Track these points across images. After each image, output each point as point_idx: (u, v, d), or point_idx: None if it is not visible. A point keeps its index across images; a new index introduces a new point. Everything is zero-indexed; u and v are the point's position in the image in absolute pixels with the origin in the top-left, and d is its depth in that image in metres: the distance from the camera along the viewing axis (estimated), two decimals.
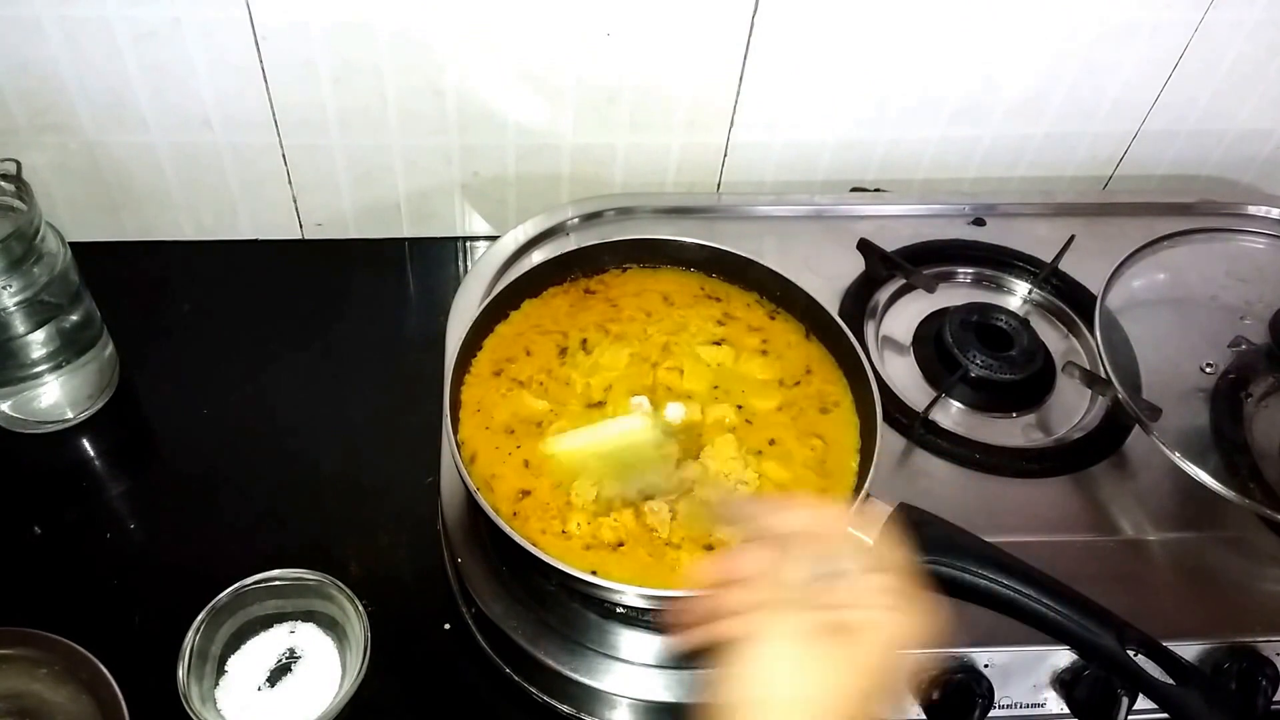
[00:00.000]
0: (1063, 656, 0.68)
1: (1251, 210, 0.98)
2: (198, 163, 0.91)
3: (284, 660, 0.71)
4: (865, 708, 0.48)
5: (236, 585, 0.69)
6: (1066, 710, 0.68)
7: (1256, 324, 0.85)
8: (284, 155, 0.92)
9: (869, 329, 0.87)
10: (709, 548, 0.65)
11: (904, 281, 0.90)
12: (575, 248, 0.79)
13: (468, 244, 1.02)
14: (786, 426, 0.72)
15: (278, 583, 0.71)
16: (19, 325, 0.75)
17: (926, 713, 0.67)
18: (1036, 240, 0.94)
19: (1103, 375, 0.78)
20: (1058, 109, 0.98)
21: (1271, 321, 0.84)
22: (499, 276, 0.86)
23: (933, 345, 0.85)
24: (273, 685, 0.69)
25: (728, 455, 0.69)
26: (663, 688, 0.66)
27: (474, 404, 0.72)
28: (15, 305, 0.74)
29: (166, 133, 0.88)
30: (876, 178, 1.02)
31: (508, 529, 0.62)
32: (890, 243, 0.90)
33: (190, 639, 0.67)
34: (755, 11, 0.85)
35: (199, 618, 0.68)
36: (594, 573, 0.62)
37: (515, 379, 0.73)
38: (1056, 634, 0.57)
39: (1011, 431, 0.82)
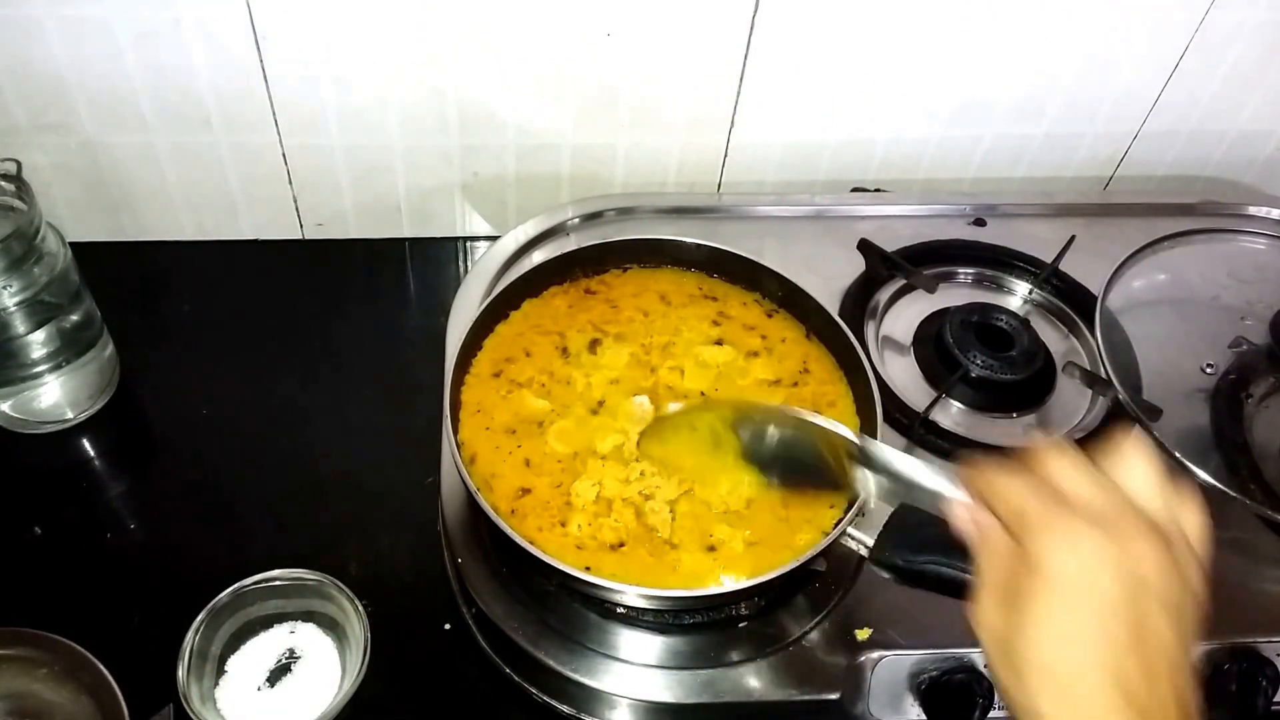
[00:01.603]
0: None
1: (1252, 211, 0.98)
2: (198, 163, 0.91)
3: (284, 660, 0.70)
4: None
5: (236, 585, 0.69)
6: None
7: (1257, 324, 0.85)
8: (284, 155, 0.92)
9: (869, 329, 0.87)
10: (710, 548, 0.65)
11: (904, 282, 0.90)
12: (575, 248, 0.79)
13: (468, 244, 1.02)
14: None
15: (278, 583, 0.71)
16: (19, 325, 0.75)
17: (926, 713, 0.67)
18: (1037, 240, 0.93)
19: (1103, 375, 0.78)
20: (1058, 109, 0.98)
21: (1272, 322, 0.84)
22: (499, 276, 0.86)
23: (933, 345, 0.85)
24: (273, 685, 0.69)
25: None
26: (663, 688, 0.66)
27: (474, 404, 0.72)
28: (15, 305, 0.74)
29: (166, 133, 0.88)
30: (877, 178, 1.02)
31: (507, 529, 0.62)
32: (891, 243, 0.90)
33: (190, 639, 0.67)
34: (755, 12, 0.85)
35: (199, 618, 0.68)
36: (587, 568, 0.62)
37: (515, 380, 0.73)
38: None
39: (1012, 432, 0.81)
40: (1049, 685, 0.40)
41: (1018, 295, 0.93)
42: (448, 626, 0.73)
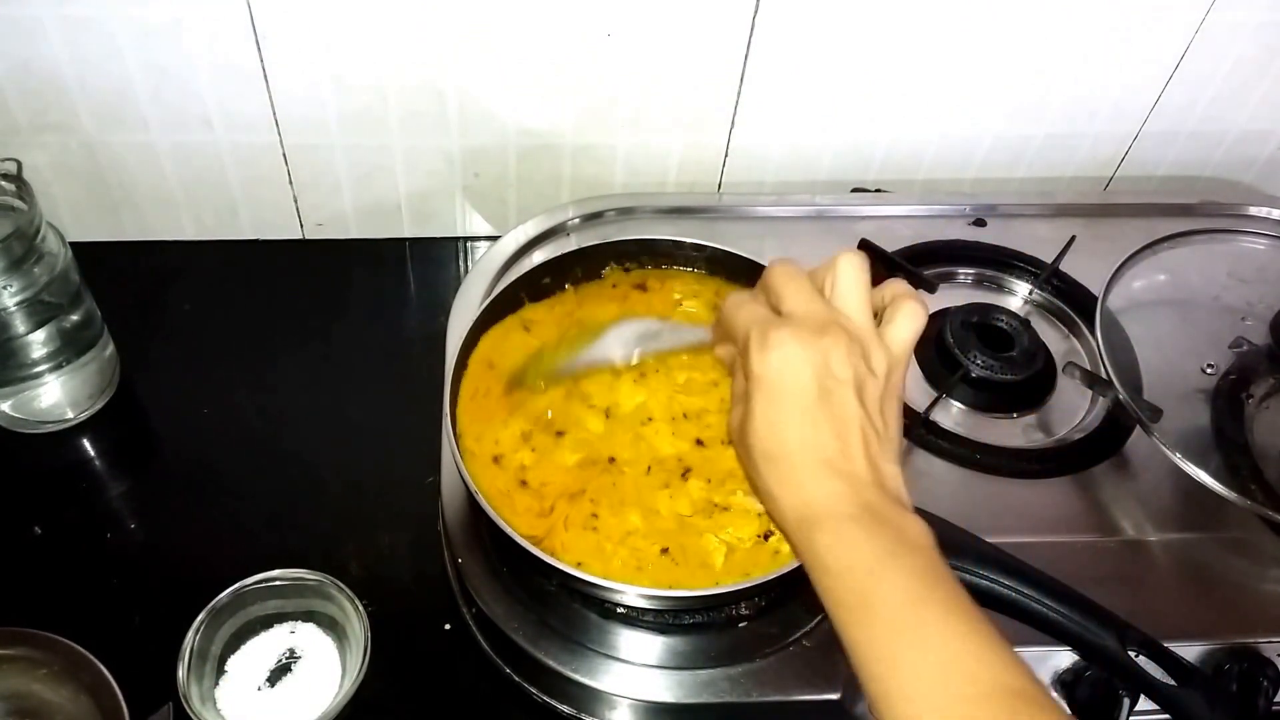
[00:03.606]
0: (1064, 657, 0.68)
1: (1252, 211, 0.98)
2: (198, 162, 0.91)
3: (284, 660, 0.71)
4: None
5: (236, 585, 0.69)
6: (1068, 711, 0.68)
7: (1257, 325, 0.85)
8: (284, 155, 0.92)
9: None
10: (710, 543, 0.65)
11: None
12: (575, 248, 0.79)
13: (468, 244, 1.02)
14: None
15: (278, 583, 0.71)
16: (19, 325, 0.75)
17: None
18: (1037, 241, 0.93)
19: (1104, 376, 0.78)
20: (1058, 109, 0.98)
21: (1272, 322, 0.84)
22: (499, 276, 0.86)
23: (933, 346, 0.85)
24: (273, 685, 0.69)
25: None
26: (663, 688, 0.66)
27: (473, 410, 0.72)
28: (15, 305, 0.74)
29: (167, 132, 0.88)
30: (877, 178, 1.02)
31: (508, 528, 0.62)
32: (891, 243, 0.89)
33: (190, 639, 0.67)
34: (756, 12, 0.85)
35: (199, 618, 0.68)
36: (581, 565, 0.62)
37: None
38: (1057, 635, 0.57)
39: (1012, 432, 0.81)
40: (770, 467, 0.48)
41: (1018, 295, 0.93)
42: (448, 626, 0.73)
